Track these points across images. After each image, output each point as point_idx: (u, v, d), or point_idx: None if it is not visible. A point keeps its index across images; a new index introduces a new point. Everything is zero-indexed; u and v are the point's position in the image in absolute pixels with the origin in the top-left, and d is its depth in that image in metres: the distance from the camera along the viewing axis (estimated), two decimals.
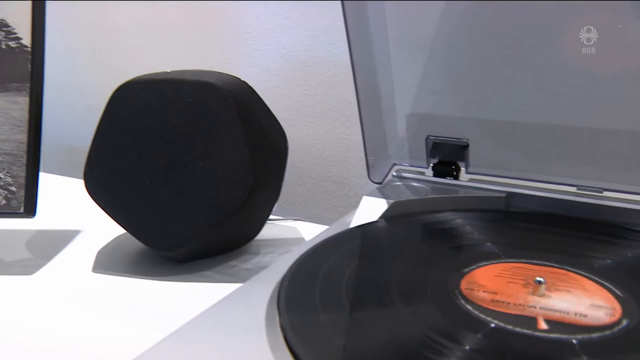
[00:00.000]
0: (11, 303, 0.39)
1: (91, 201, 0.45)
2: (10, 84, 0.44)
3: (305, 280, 0.32)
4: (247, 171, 0.42)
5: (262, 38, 0.65)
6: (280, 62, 0.65)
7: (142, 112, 0.43)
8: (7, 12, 0.44)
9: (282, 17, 0.64)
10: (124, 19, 0.74)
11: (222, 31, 0.68)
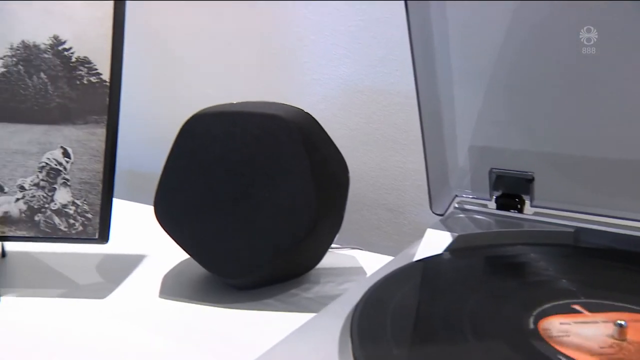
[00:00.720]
0: (86, 326, 0.41)
1: (155, 226, 0.46)
2: (90, 117, 0.47)
3: (376, 312, 0.32)
4: (312, 202, 0.43)
5: (320, 68, 0.67)
6: (338, 91, 0.66)
7: (210, 143, 0.45)
8: (89, 50, 0.47)
9: (341, 47, 0.65)
10: (189, 53, 0.77)
11: (280, 61, 0.69)
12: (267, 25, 0.69)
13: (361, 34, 0.63)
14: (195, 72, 0.77)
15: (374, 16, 0.62)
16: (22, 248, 0.54)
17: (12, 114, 0.47)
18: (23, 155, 0.46)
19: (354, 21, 0.63)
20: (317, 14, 0.65)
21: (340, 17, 0.64)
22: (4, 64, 0.47)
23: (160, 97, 0.81)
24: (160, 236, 0.48)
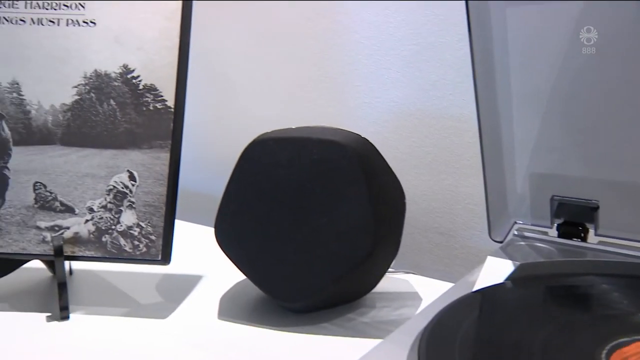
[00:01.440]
0: (149, 345, 0.42)
1: (211, 246, 0.47)
2: (155, 141, 0.49)
3: (442, 342, 0.32)
4: (370, 228, 0.44)
5: (372, 91, 0.68)
6: (389, 114, 0.67)
7: (270, 168, 0.46)
8: (156, 78, 0.49)
9: (393, 71, 0.65)
10: (243, 76, 0.79)
11: (332, 84, 0.71)
12: (320, 49, 0.71)
13: (414, 58, 0.64)
14: (250, 95, 0.79)
15: (428, 40, 0.62)
16: (86, 266, 0.56)
17: (83, 139, 0.49)
18: (92, 178, 0.48)
19: (407, 45, 0.64)
20: (370, 38, 0.66)
21: (393, 41, 0.65)
22: (78, 92, 0.49)
23: (216, 120, 0.83)
24: (216, 257, 0.49)
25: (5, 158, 0.49)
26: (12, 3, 0.49)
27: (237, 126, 0.80)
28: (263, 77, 0.77)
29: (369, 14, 0.66)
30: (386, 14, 0.64)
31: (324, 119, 0.71)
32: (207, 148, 0.83)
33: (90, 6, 0.49)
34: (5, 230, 0.47)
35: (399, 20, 0.64)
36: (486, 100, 0.44)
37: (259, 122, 0.76)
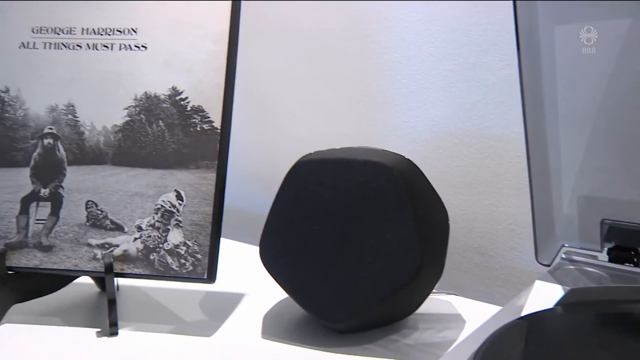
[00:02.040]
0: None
1: (254, 265, 0.48)
2: (202, 162, 0.50)
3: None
4: (415, 249, 0.44)
5: (411, 111, 0.68)
6: (429, 133, 0.67)
7: (315, 189, 0.47)
8: (203, 99, 0.50)
9: (433, 91, 0.66)
10: (284, 96, 0.80)
11: (372, 104, 0.71)
12: (360, 69, 0.71)
13: (454, 78, 0.64)
14: (289, 114, 0.80)
15: (469, 61, 0.62)
16: (131, 282, 0.57)
17: (133, 159, 0.51)
18: (141, 197, 0.50)
19: (448, 65, 0.64)
20: (410, 58, 0.67)
21: (433, 61, 0.65)
22: (129, 114, 0.51)
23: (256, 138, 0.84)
24: (258, 275, 0.49)
25: (60, 177, 0.50)
26: (70, 29, 0.51)
27: (277, 145, 0.81)
28: (303, 97, 0.77)
29: (409, 34, 0.66)
30: (427, 34, 0.65)
31: (364, 138, 0.72)
32: (249, 166, 0.85)
33: (142, 31, 0.51)
34: (59, 247, 0.49)
35: (440, 40, 0.64)
36: (534, 121, 0.44)
37: (298, 141, 0.77)
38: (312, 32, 0.75)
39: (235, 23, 0.50)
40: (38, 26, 0.52)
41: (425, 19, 0.65)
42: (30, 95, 0.51)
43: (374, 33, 0.69)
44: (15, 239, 0.49)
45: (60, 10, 0.52)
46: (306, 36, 0.76)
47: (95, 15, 0.52)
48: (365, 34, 0.70)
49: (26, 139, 0.51)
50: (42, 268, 0.49)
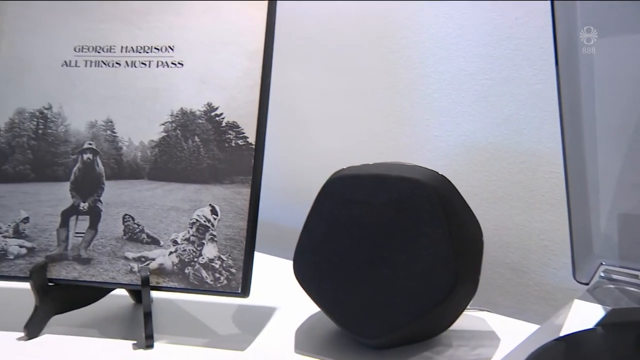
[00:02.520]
0: None
1: (286, 279, 0.48)
2: (236, 177, 0.50)
3: None
4: (450, 266, 0.43)
5: (442, 125, 0.68)
6: (460, 148, 0.67)
7: (349, 204, 0.47)
8: (238, 116, 0.51)
9: (464, 105, 0.65)
10: (314, 111, 0.81)
11: (402, 118, 0.71)
12: (391, 83, 0.72)
13: (486, 93, 0.64)
14: (321, 128, 0.80)
15: (501, 75, 0.62)
16: (164, 295, 0.58)
17: (169, 174, 0.52)
18: (177, 211, 0.51)
19: (479, 80, 0.64)
20: (441, 72, 0.67)
21: (464, 75, 0.65)
22: (165, 129, 0.52)
23: (288, 152, 0.85)
24: (290, 288, 0.49)
25: (99, 191, 0.52)
26: (110, 47, 0.53)
27: (307, 159, 0.82)
28: (333, 112, 0.78)
29: (439, 49, 0.66)
30: (457, 48, 0.65)
31: (394, 152, 0.72)
32: (278, 180, 0.85)
33: (179, 49, 0.52)
34: (97, 260, 0.50)
35: (471, 55, 0.64)
36: (572, 136, 0.43)
37: (328, 155, 0.78)
38: (341, 48, 0.76)
39: (270, 41, 0.51)
40: (80, 45, 0.53)
41: (455, 33, 0.65)
42: (71, 112, 0.53)
43: (403, 48, 0.70)
44: (56, 252, 0.51)
45: (101, 30, 0.53)
46: (335, 52, 0.76)
47: (134, 34, 0.53)
48: (394, 49, 0.70)
49: (67, 154, 0.53)
50: (81, 280, 0.50)
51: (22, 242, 0.51)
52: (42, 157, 0.53)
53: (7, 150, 0.53)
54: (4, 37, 0.54)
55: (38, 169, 0.53)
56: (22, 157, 0.53)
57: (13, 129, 0.53)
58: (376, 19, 0.71)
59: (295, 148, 0.83)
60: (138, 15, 0.53)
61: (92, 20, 0.53)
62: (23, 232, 0.51)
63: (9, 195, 0.52)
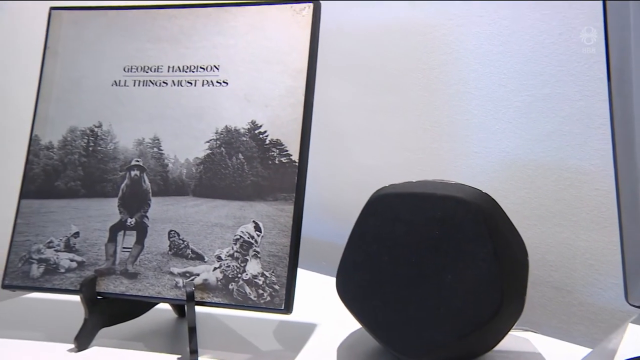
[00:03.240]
0: None
1: (326, 295, 0.48)
2: (280, 194, 0.51)
3: None
4: (496, 286, 0.43)
5: (482, 141, 0.67)
6: (500, 164, 0.66)
7: (393, 222, 0.47)
8: (281, 133, 0.51)
9: (504, 121, 0.65)
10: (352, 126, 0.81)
11: (441, 134, 0.71)
12: (430, 99, 0.72)
13: (527, 109, 0.63)
14: (359, 144, 0.81)
15: (543, 92, 0.61)
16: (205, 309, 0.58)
17: (213, 191, 0.53)
18: (221, 228, 0.51)
19: (520, 96, 0.63)
20: (481, 89, 0.66)
21: (505, 92, 0.64)
22: (210, 147, 0.53)
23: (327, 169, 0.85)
24: (331, 305, 0.49)
25: (146, 208, 0.53)
26: (157, 67, 0.54)
27: (347, 175, 0.82)
28: (372, 128, 0.78)
29: (479, 65, 0.66)
30: (498, 65, 0.64)
31: (432, 168, 0.72)
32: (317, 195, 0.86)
33: (224, 68, 0.53)
34: (143, 275, 0.51)
35: (512, 71, 0.63)
36: (624, 152, 0.42)
37: (368, 171, 0.78)
38: (379, 64, 0.76)
39: (313, 60, 0.52)
40: (129, 65, 0.55)
41: (497, 50, 0.64)
42: (120, 130, 0.55)
43: (443, 64, 0.69)
44: (104, 266, 0.52)
45: (149, 50, 0.55)
46: (374, 68, 0.77)
47: (180, 53, 0.54)
48: (433, 65, 0.70)
49: (115, 170, 0.54)
50: (128, 294, 0.51)
51: (73, 256, 0.53)
52: (92, 174, 0.55)
53: (60, 167, 0.55)
54: (58, 59, 0.56)
55: (88, 185, 0.54)
56: (73, 173, 0.55)
57: (65, 147, 0.55)
58: (415, 36, 0.72)
59: (334, 164, 0.83)
60: (185, 36, 0.54)
61: (141, 41, 0.55)
62: (74, 247, 0.53)
63: (61, 211, 0.54)
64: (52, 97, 0.56)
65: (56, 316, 0.57)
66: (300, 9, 0.52)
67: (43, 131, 0.56)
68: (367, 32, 0.77)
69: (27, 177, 0.55)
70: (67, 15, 0.57)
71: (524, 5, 0.62)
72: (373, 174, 0.77)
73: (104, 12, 0.57)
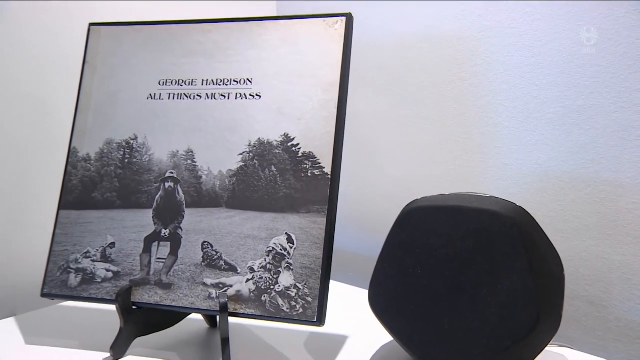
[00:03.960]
0: None
1: (356, 307, 0.48)
2: (312, 206, 0.51)
3: None
4: (532, 301, 0.42)
5: (513, 153, 0.67)
6: (532, 176, 0.65)
7: (427, 236, 0.47)
8: (314, 146, 0.52)
9: (537, 134, 0.64)
10: (382, 138, 0.81)
11: (472, 145, 0.70)
12: (460, 111, 0.71)
13: (561, 121, 0.62)
14: (389, 157, 0.81)
15: (577, 103, 0.61)
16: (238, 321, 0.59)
17: (246, 203, 0.53)
18: (254, 240, 0.52)
19: (553, 108, 0.63)
20: (512, 100, 0.66)
21: (537, 104, 0.64)
22: (243, 159, 0.54)
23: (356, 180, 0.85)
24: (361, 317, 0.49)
25: (179, 219, 0.54)
26: (192, 80, 0.55)
27: (377, 187, 0.82)
28: (401, 140, 0.78)
29: (511, 77, 0.66)
30: (531, 77, 0.64)
31: (462, 179, 0.71)
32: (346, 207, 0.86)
33: (257, 81, 0.54)
34: (177, 285, 0.52)
35: (545, 83, 0.63)
36: None
37: (397, 182, 0.78)
38: (409, 76, 0.76)
39: (346, 74, 0.52)
40: (164, 79, 0.56)
41: (529, 62, 0.64)
42: (154, 142, 0.56)
43: (473, 76, 0.69)
44: (139, 276, 0.53)
45: (183, 64, 0.56)
46: (404, 80, 0.77)
47: (214, 67, 0.55)
48: (463, 77, 0.70)
49: (150, 182, 0.55)
50: (163, 305, 0.51)
51: (109, 266, 0.54)
52: (128, 185, 0.56)
53: (97, 179, 0.56)
54: (96, 73, 0.58)
55: (124, 197, 0.55)
56: (109, 185, 0.56)
57: (102, 159, 0.56)
58: (446, 48, 0.71)
59: (363, 176, 0.84)
60: (219, 50, 0.55)
61: (176, 56, 0.56)
62: (110, 257, 0.54)
63: (97, 221, 0.55)
64: (90, 110, 0.57)
65: (91, 325, 0.58)
66: (333, 22, 0.53)
67: (81, 143, 0.57)
68: (398, 44, 0.77)
69: (66, 188, 0.57)
70: (105, 30, 0.59)
71: (558, 17, 0.61)
72: (402, 186, 0.77)
73: (140, 27, 0.58)
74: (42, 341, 0.54)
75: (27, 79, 0.68)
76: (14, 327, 0.58)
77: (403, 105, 0.77)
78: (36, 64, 0.68)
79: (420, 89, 0.75)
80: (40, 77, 0.69)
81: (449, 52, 0.71)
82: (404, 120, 0.77)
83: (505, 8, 0.65)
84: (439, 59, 0.72)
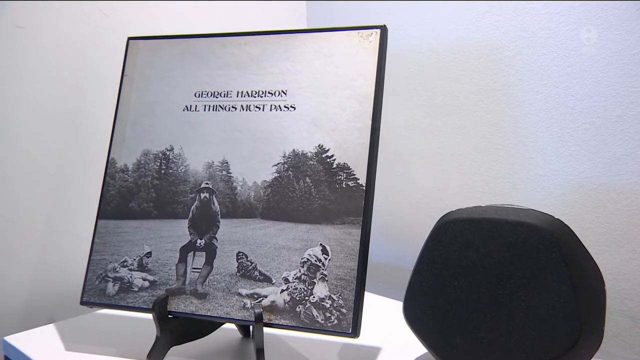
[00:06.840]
0: None
1: (389, 318, 0.48)
2: (347, 217, 0.51)
3: None
4: (573, 316, 0.42)
5: (547, 164, 0.66)
6: (567, 187, 0.64)
7: (462, 248, 0.46)
8: (348, 157, 0.52)
9: (571, 144, 0.63)
10: (413, 148, 0.81)
11: (505, 156, 0.70)
12: (493, 122, 0.71)
13: (597, 131, 0.61)
14: (421, 167, 0.80)
15: (614, 113, 0.60)
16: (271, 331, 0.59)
17: (281, 214, 0.53)
18: (288, 250, 0.52)
19: (590, 118, 0.62)
20: (546, 111, 0.65)
21: (572, 114, 0.63)
22: (277, 170, 0.54)
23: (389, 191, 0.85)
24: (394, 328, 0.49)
25: (214, 229, 0.54)
26: (227, 92, 0.56)
27: (409, 198, 0.81)
28: (434, 150, 0.78)
29: (545, 87, 0.65)
30: (566, 86, 0.63)
31: (495, 190, 0.70)
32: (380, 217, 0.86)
33: (291, 93, 0.55)
34: (212, 295, 0.52)
35: (581, 93, 0.62)
36: None
37: (430, 193, 0.77)
38: (442, 86, 0.76)
39: (380, 85, 0.52)
40: (200, 90, 0.57)
41: (564, 72, 0.63)
42: (190, 153, 0.56)
43: (507, 86, 0.69)
44: (175, 286, 0.53)
45: (219, 76, 0.57)
46: (437, 90, 0.77)
47: (249, 79, 0.56)
48: (496, 87, 0.70)
49: (186, 193, 0.56)
50: (198, 314, 0.52)
51: (145, 275, 0.54)
52: (164, 196, 0.56)
53: (134, 189, 0.57)
54: (134, 86, 0.59)
55: (160, 207, 0.56)
56: (146, 195, 0.57)
57: (139, 169, 0.57)
58: (479, 58, 0.71)
59: (392, 186, 0.83)
60: (254, 62, 0.56)
61: (211, 68, 0.57)
62: (146, 266, 0.55)
63: (134, 231, 0.56)
64: (128, 122, 0.59)
65: (128, 333, 0.59)
66: (367, 34, 0.53)
67: (119, 154, 0.58)
68: (430, 54, 0.77)
69: (104, 198, 0.58)
70: (142, 44, 0.60)
71: (594, 26, 0.60)
72: (433, 196, 0.76)
73: (177, 40, 0.59)
74: (81, 348, 0.55)
75: (63, 90, 0.69)
76: (53, 333, 0.59)
77: (435, 116, 0.77)
78: (73, 77, 0.70)
79: (453, 99, 0.75)
80: (76, 88, 0.70)
81: (481, 62, 0.71)
82: (437, 131, 0.77)
83: (540, 18, 0.65)
84: (472, 69, 0.72)
